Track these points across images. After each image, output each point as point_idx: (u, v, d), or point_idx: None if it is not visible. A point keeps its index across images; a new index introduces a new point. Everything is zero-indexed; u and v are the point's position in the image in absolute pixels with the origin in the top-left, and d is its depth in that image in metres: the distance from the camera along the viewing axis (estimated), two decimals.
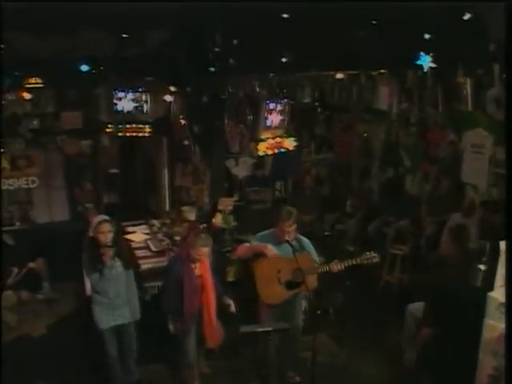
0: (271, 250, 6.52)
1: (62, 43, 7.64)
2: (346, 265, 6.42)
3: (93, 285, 6.36)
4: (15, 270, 9.57)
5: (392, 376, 7.30)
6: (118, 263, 6.37)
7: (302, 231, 7.04)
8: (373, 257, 6.46)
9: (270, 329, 5.82)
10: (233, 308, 6.65)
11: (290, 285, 6.54)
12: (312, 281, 6.41)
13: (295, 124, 10.21)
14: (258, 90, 7.99)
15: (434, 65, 5.12)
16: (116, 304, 6.41)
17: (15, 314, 8.95)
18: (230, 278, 8.76)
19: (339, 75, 6.26)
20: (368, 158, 13.04)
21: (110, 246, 6.28)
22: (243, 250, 6.87)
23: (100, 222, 6.29)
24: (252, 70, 7.73)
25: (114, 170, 11.97)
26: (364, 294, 9.59)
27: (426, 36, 4.70)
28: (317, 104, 11.65)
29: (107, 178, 12.04)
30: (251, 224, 9.37)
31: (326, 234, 9.93)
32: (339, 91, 7.79)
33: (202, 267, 6.50)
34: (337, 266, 6.44)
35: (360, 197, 12.43)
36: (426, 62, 5.08)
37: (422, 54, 5.06)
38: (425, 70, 5.27)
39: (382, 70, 6.00)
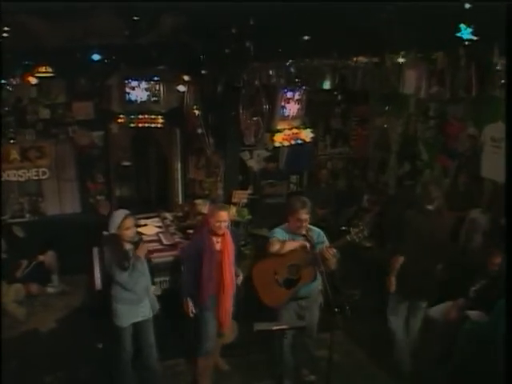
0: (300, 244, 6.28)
1: (74, 31, 7.39)
2: (336, 245, 6.16)
3: (120, 283, 6.02)
4: (24, 262, 9.46)
5: (409, 375, 7.07)
6: (143, 257, 6.17)
7: (317, 226, 6.76)
8: (361, 230, 6.07)
9: (285, 327, 5.63)
10: (240, 279, 6.64)
11: (289, 283, 6.33)
12: (310, 274, 6.21)
13: (311, 117, 10.00)
14: (274, 78, 7.74)
15: (474, 37, 4.81)
16: (141, 299, 6.21)
17: (24, 307, 8.85)
18: (244, 273, 8.58)
19: (362, 59, 6.01)
20: (385, 152, 12.78)
21: (137, 242, 6.12)
22: (277, 249, 6.36)
23: (125, 218, 6.01)
24: (269, 57, 7.47)
25: (126, 163, 11.74)
26: (381, 291, 9.31)
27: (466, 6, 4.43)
28: (336, 93, 11.34)
29: (119, 171, 11.83)
30: (266, 218, 9.20)
31: (343, 228, 9.66)
32: (362, 76, 7.54)
33: (224, 242, 6.36)
34: (328, 251, 6.12)
35: (377, 191, 12.19)
36: (467, 33, 4.79)
37: (462, 25, 4.77)
38: (465, 43, 4.97)
39: (409, 53, 5.74)
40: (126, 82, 9.49)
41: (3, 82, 8.61)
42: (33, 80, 8.99)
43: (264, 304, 6.49)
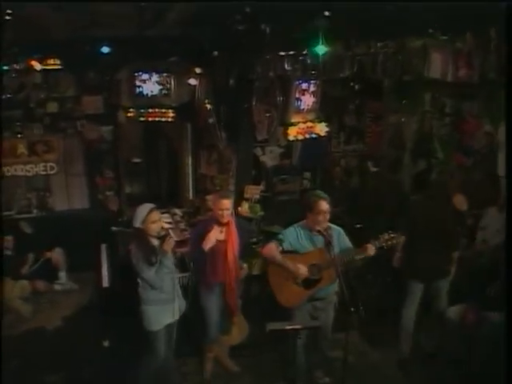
0: (303, 272, 6.03)
1: (82, 22, 7.20)
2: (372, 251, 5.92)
3: (147, 280, 5.75)
4: (30, 257, 9.37)
5: (424, 377, 6.90)
6: (171, 247, 5.89)
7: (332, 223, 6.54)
8: (392, 237, 5.93)
9: (299, 326, 5.41)
10: (244, 271, 6.59)
11: (308, 283, 6.09)
12: (331, 275, 5.95)
13: (326, 112, 9.77)
14: (289, 68, 7.50)
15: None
16: (170, 299, 5.95)
17: (30, 304, 8.73)
18: (255, 272, 8.40)
19: (382, 44, 5.78)
20: (399, 150, 12.57)
21: (163, 236, 5.86)
22: (270, 255, 6.22)
23: (150, 211, 5.79)
24: (283, 46, 7.23)
25: (136, 160, 11.56)
26: (396, 291, 9.08)
27: None
28: (352, 84, 11.09)
29: (129, 167, 11.66)
30: (278, 215, 9.00)
31: (358, 226, 9.45)
32: (383, 62, 7.30)
33: (228, 232, 6.30)
34: (357, 255, 5.97)
35: (391, 190, 11.95)
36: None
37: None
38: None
39: (434, 34, 5.49)
40: (137, 74, 9.31)
41: (6, 67, 8.33)
42: (37, 65, 8.66)
43: (279, 304, 6.28)
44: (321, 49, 6.76)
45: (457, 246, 7.11)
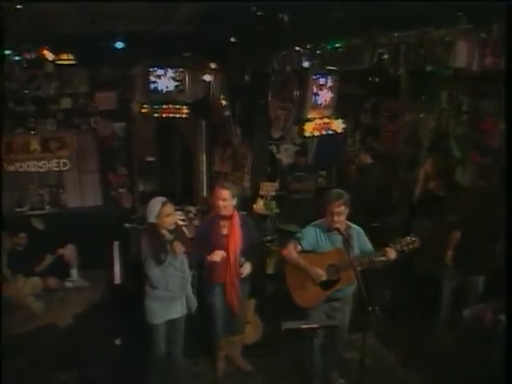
0: (322, 276, 5.92)
1: (96, 17, 7.12)
2: (392, 255, 5.76)
3: (151, 279, 5.69)
4: (49, 257, 9.36)
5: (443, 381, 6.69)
6: (182, 249, 5.80)
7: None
8: (414, 241, 5.81)
9: (315, 325, 5.26)
10: (246, 270, 6.31)
11: (326, 284, 5.96)
12: (349, 276, 5.79)
13: (343, 109, 9.63)
14: (307, 62, 7.35)
15: None
16: (176, 297, 5.89)
17: (41, 301, 8.67)
18: (270, 271, 8.29)
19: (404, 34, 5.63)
20: (416, 148, 12.42)
21: (175, 230, 5.84)
22: (289, 257, 6.09)
23: (164, 205, 5.69)
24: (301, 38, 7.08)
25: (149, 158, 11.44)
26: (412, 292, 8.94)
27: None
28: (371, 78, 10.95)
29: (142, 165, 11.50)
30: (294, 213, 8.88)
31: (374, 225, 9.31)
32: (405, 53, 7.15)
33: (230, 227, 6.21)
34: (377, 258, 5.84)
35: (407, 188, 11.81)
36: None
37: None
38: None
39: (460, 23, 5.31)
40: (151, 70, 9.21)
41: (17, 58, 8.20)
42: (48, 54, 8.50)
43: (295, 303, 6.14)
44: (337, 41, 6.66)
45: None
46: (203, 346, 6.98)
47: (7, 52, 7.40)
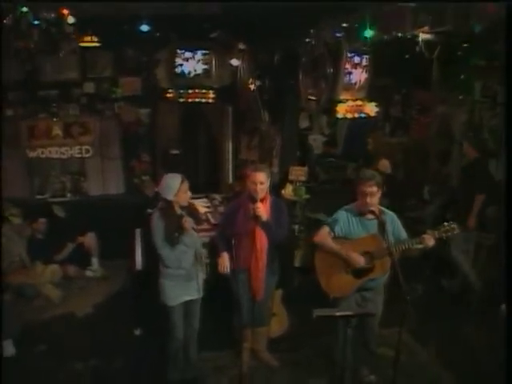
0: (359, 261, 5.56)
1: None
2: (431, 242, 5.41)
3: (166, 257, 5.57)
4: (69, 245, 9.23)
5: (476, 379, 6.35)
6: (192, 225, 5.64)
7: None
8: (452, 228, 5.45)
9: (349, 313, 4.85)
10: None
11: (359, 272, 5.60)
12: (384, 265, 5.49)
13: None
14: (340, 39, 7.05)
15: None
16: (191, 277, 5.74)
17: (60, 289, 8.48)
18: (297, 264, 8.00)
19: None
20: (447, 141, 12.11)
21: (188, 207, 5.70)
22: (322, 242, 5.74)
23: (183, 181, 5.54)
24: (335, 13, 6.78)
25: (174, 151, 11.22)
26: (444, 287, 8.67)
27: None
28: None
29: (166, 157, 11.27)
30: (323, 203, 8.56)
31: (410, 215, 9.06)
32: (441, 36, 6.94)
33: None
34: (415, 245, 5.48)
35: (439, 182, 11.49)
36: None
37: None
38: None
39: None
40: (179, 52, 9.02)
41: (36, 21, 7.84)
42: (68, 15, 8.05)
43: (325, 293, 5.79)
44: (369, 32, 6.40)
45: None
46: (227, 338, 6.70)
47: (24, 9, 7.04)
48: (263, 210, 5.72)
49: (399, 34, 6.41)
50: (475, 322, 7.50)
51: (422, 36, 6.69)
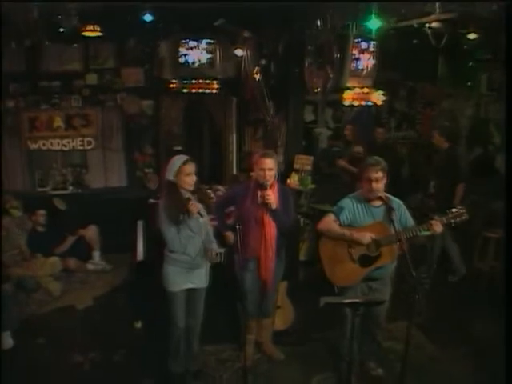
0: (368, 240, 5.36)
1: None
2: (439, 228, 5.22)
3: (171, 240, 5.40)
4: (70, 238, 9.18)
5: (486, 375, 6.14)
6: (203, 212, 5.45)
7: None
8: (461, 213, 5.27)
9: (358, 300, 4.68)
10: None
11: (365, 260, 5.43)
12: (391, 253, 5.34)
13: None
14: (347, 23, 6.94)
15: None
16: (197, 264, 5.54)
17: (60, 282, 8.42)
18: (302, 257, 7.86)
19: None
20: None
21: (194, 191, 5.48)
22: (327, 228, 5.58)
23: (185, 163, 5.34)
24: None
25: (178, 148, 11.09)
26: (452, 282, 8.61)
27: None
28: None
29: (169, 152, 11.16)
30: (328, 194, 8.44)
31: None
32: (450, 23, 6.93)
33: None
34: (422, 232, 5.29)
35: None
36: None
37: None
38: None
39: None
40: (184, 41, 8.81)
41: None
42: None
43: (330, 282, 5.60)
44: (376, 22, 6.28)
45: None
46: (230, 331, 6.65)
47: None
48: (273, 197, 5.61)
49: (406, 24, 6.34)
50: (482, 315, 7.33)
51: (429, 24, 6.61)
